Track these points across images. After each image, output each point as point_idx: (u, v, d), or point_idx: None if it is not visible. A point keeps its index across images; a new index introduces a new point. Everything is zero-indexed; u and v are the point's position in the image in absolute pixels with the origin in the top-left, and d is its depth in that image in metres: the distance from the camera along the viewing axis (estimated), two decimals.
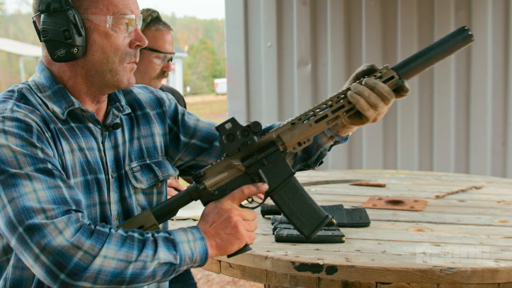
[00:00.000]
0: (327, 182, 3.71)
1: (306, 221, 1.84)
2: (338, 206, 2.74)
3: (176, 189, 3.05)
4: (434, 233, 2.44)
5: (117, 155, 1.85)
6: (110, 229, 1.57)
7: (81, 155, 1.74)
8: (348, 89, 1.83)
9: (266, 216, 2.71)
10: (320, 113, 1.82)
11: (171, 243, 1.61)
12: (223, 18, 6.28)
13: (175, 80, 34.52)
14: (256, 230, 1.81)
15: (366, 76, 1.85)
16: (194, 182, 1.83)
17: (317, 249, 2.19)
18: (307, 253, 2.15)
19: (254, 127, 1.78)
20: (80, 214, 1.56)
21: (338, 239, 2.28)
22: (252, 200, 1.87)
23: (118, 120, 1.86)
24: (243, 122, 1.79)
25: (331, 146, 2.02)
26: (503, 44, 5.56)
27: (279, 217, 2.53)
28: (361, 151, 5.91)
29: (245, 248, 1.76)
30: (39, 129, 1.64)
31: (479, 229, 2.49)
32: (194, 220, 2.66)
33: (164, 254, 1.58)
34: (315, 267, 2.04)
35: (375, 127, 5.83)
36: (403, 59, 1.85)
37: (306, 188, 3.42)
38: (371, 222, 2.57)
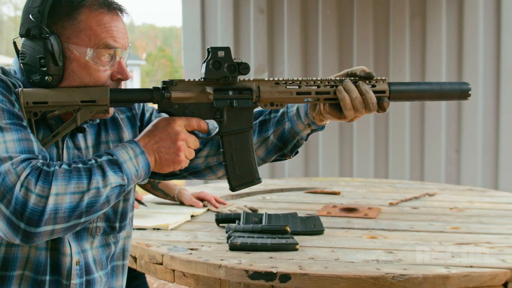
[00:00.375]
0: (282, 190, 3.71)
1: (239, 174, 1.85)
2: (292, 214, 2.74)
3: (202, 199, 3.11)
4: (387, 240, 2.45)
5: (80, 157, 1.83)
6: (54, 166, 1.56)
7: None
8: (341, 80, 1.84)
9: (220, 224, 2.71)
10: (305, 87, 1.83)
11: (116, 165, 1.62)
12: None
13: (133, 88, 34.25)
14: (210, 238, 1.81)
15: (360, 78, 1.85)
16: (161, 86, 1.80)
17: (271, 257, 2.18)
18: (261, 261, 2.14)
19: (242, 68, 1.78)
20: (40, 161, 1.56)
21: (292, 247, 2.28)
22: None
23: (84, 125, 1.84)
24: (235, 58, 1.78)
25: (308, 134, 2.00)
26: (457, 52, 5.64)
27: (233, 225, 2.52)
28: (317, 159, 5.94)
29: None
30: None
31: (431, 235, 2.51)
32: (155, 229, 2.64)
33: (113, 178, 1.60)
34: (268, 276, 2.03)
35: (331, 134, 5.86)
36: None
37: (260, 196, 3.44)
38: (325, 229, 2.58)
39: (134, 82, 35.11)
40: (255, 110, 1.98)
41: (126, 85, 1.85)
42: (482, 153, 5.65)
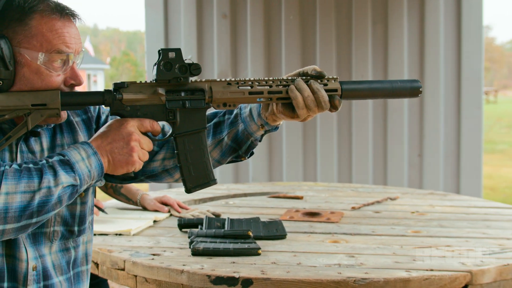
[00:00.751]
0: (245, 195, 3.71)
1: (194, 175, 1.85)
2: (255, 218, 2.74)
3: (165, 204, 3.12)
4: (349, 244, 2.47)
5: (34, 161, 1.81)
6: (5, 166, 1.55)
7: None
8: (292, 80, 1.84)
9: (183, 229, 2.70)
10: (258, 87, 1.83)
11: (68, 165, 1.60)
12: None
13: None
14: (172, 243, 1.80)
15: (312, 77, 1.85)
16: (113, 88, 1.79)
17: (233, 262, 2.19)
18: (223, 266, 2.14)
19: (194, 69, 1.77)
20: None
21: (254, 252, 2.29)
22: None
23: (39, 129, 1.82)
24: (186, 59, 1.78)
25: (262, 135, 1.99)
26: (418, 57, 5.70)
27: (196, 230, 2.52)
28: (281, 163, 5.95)
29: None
30: None
31: (392, 239, 2.54)
32: (117, 234, 2.63)
33: (65, 178, 1.58)
34: (231, 280, 2.03)
35: (295, 139, 5.89)
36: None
37: (223, 201, 3.44)
38: (287, 234, 2.59)
39: (98, 86, 34.92)
40: (209, 112, 1.98)
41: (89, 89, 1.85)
42: (444, 157, 5.72)
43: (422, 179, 5.81)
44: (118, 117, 1.80)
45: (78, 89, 1.83)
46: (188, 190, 1.86)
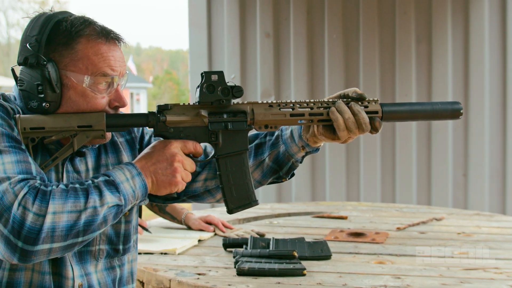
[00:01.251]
0: (289, 215, 3.71)
1: (236, 196, 1.86)
2: (299, 239, 2.74)
3: (209, 223, 3.13)
4: (395, 265, 2.45)
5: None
6: (52, 186, 1.57)
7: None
8: (333, 102, 1.84)
9: (227, 249, 2.71)
10: (299, 109, 1.83)
11: (113, 186, 1.63)
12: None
13: (140, 111, 34.37)
14: (217, 263, 1.81)
15: (352, 100, 1.85)
16: (157, 110, 1.81)
17: (279, 283, 2.18)
18: (269, 286, 2.14)
19: (236, 91, 1.79)
20: (38, 181, 1.57)
21: (299, 273, 2.28)
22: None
23: (84, 150, 1.85)
24: (229, 81, 1.79)
25: (303, 157, 2.00)
26: (463, 76, 5.65)
27: (241, 250, 2.53)
28: (324, 183, 5.93)
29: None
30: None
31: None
32: (162, 253, 2.65)
33: (110, 198, 1.60)
34: None
35: (338, 159, 5.86)
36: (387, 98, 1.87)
37: (267, 221, 3.44)
38: (332, 254, 2.58)
39: (141, 104, 35.23)
40: (251, 133, 1.99)
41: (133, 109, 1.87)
42: (489, 177, 5.64)
43: (467, 199, 5.73)
44: (162, 139, 1.82)
45: (122, 110, 1.87)
46: (230, 211, 1.87)
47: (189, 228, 3.15)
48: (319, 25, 5.86)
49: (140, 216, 2.93)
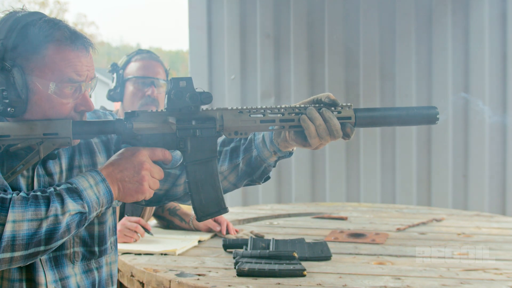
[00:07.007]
0: (289, 215, 3.71)
1: (205, 203, 1.86)
2: (299, 239, 2.74)
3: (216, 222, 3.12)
4: (395, 266, 2.45)
5: (52, 184, 1.81)
6: (12, 194, 1.56)
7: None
8: (305, 108, 1.83)
9: (227, 250, 2.71)
10: (270, 115, 1.82)
11: (76, 193, 1.61)
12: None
13: None
14: (217, 264, 1.80)
15: (325, 105, 1.84)
16: (124, 117, 1.80)
17: (279, 283, 2.18)
18: (269, 287, 2.14)
19: (204, 98, 1.78)
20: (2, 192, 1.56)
21: (299, 273, 2.28)
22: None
23: (57, 151, 1.83)
24: (197, 87, 1.78)
25: (276, 161, 1.99)
26: (463, 76, 5.64)
27: (241, 251, 2.52)
28: (324, 184, 5.92)
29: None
30: None
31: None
32: (162, 254, 2.65)
33: (72, 206, 1.59)
34: None
35: (338, 159, 5.86)
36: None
37: (267, 221, 3.44)
38: (332, 255, 2.57)
39: None
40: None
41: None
42: (489, 178, 5.63)
43: (467, 200, 5.72)
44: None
45: (88, 114, 1.86)
46: (199, 219, 1.87)
47: (197, 229, 3.14)
48: (319, 25, 5.85)
49: (117, 217, 2.92)
